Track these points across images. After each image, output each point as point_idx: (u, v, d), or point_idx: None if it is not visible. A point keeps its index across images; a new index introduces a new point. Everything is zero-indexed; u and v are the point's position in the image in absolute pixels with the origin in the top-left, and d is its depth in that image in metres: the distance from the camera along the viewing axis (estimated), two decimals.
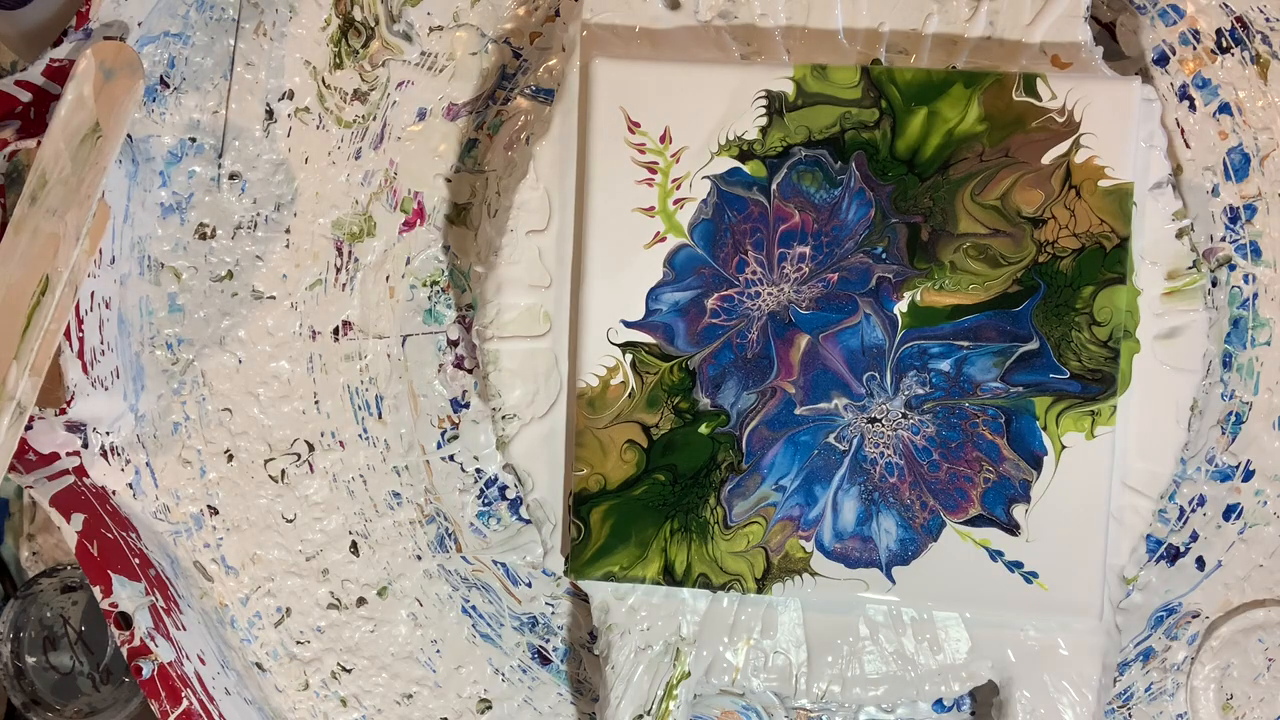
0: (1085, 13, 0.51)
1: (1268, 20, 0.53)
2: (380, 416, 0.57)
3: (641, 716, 0.53)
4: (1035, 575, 0.50)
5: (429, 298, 0.57)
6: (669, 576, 0.52)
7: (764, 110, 0.50)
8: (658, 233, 0.51)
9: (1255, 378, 0.54)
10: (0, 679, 0.63)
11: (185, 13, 0.55)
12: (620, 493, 0.52)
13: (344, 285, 0.57)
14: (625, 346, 0.51)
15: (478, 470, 0.57)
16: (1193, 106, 0.54)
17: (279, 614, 0.57)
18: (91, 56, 0.51)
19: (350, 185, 0.57)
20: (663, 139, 0.51)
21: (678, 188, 0.51)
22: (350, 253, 0.57)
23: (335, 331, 0.57)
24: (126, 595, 0.54)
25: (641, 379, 0.51)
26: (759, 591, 0.51)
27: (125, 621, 0.53)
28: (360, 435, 0.57)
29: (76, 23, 0.53)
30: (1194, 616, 0.55)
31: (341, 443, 0.57)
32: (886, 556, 0.51)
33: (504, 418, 0.53)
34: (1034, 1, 0.51)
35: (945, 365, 0.50)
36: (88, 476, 0.56)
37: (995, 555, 0.51)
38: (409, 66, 0.56)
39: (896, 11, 0.52)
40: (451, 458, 0.57)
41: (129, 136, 0.55)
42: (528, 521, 0.57)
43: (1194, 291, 0.52)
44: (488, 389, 0.54)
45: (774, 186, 0.50)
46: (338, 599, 0.57)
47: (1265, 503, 0.55)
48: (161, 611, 0.54)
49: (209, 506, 0.57)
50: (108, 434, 0.56)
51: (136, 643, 0.53)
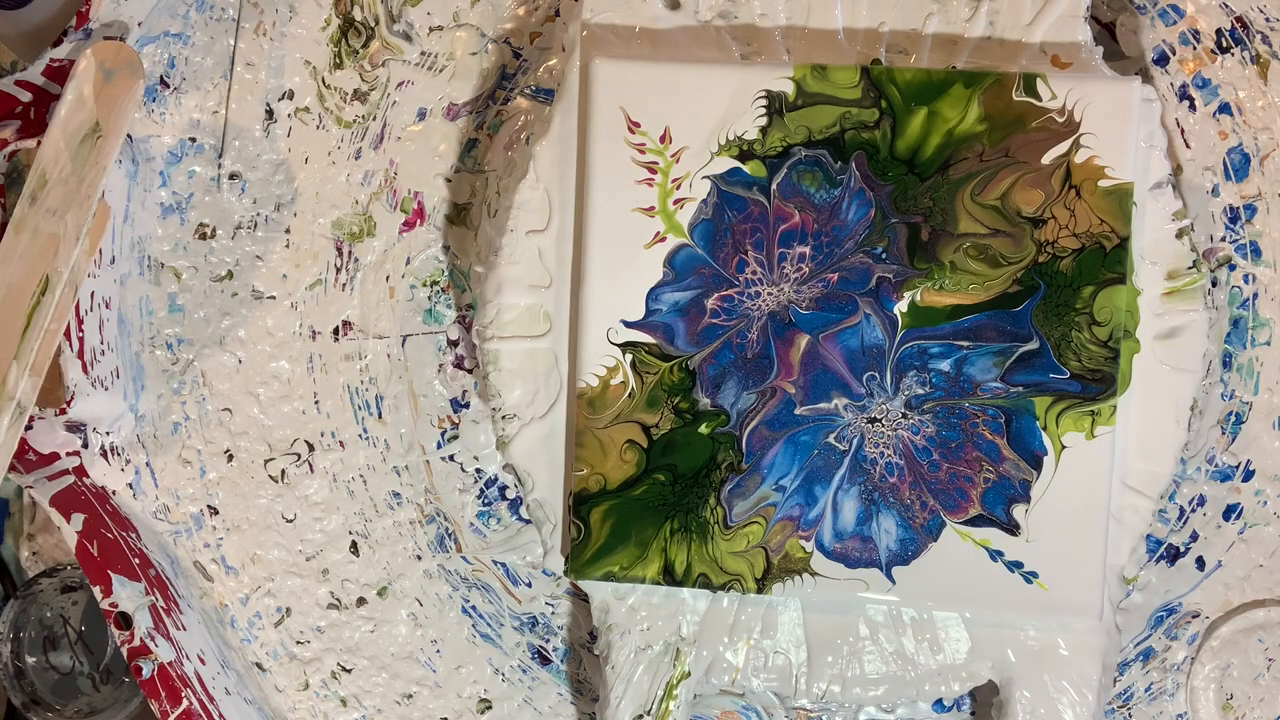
0: (1085, 13, 0.51)
1: (1268, 20, 0.53)
2: (380, 416, 0.57)
3: (641, 716, 0.53)
4: (1035, 575, 0.50)
5: (429, 298, 0.57)
6: (669, 576, 0.52)
7: (764, 110, 0.50)
8: (658, 233, 0.51)
9: (1255, 378, 0.54)
10: (0, 679, 0.63)
11: (185, 13, 0.55)
12: (620, 493, 0.52)
13: (344, 285, 0.57)
14: (625, 346, 0.51)
15: (478, 470, 0.57)
16: (1193, 106, 0.54)
17: (279, 614, 0.57)
18: (91, 56, 0.51)
19: (350, 185, 0.57)
20: (663, 139, 0.51)
21: (678, 188, 0.51)
22: (350, 253, 0.57)
23: (335, 331, 0.57)
24: (126, 595, 0.54)
25: (641, 379, 0.51)
26: (759, 591, 0.51)
27: (125, 621, 0.53)
28: (360, 435, 0.57)
29: (76, 23, 0.53)
30: (1194, 616, 0.55)
31: (341, 443, 0.57)
32: (886, 556, 0.51)
33: (504, 418, 0.53)
34: (1034, 1, 0.51)
35: (945, 365, 0.50)
36: (88, 476, 0.56)
37: (995, 555, 0.51)
38: (409, 66, 0.56)
39: (896, 11, 0.52)
40: (451, 458, 0.57)
41: (129, 136, 0.55)
42: (528, 521, 0.57)
43: (1194, 291, 0.52)
44: (488, 389, 0.54)
45: (774, 186, 0.50)
46: (338, 599, 0.57)
47: (1265, 503, 0.54)
48: (161, 611, 0.54)
49: (209, 506, 0.57)
50: (108, 434, 0.56)
51: (136, 643, 0.53)
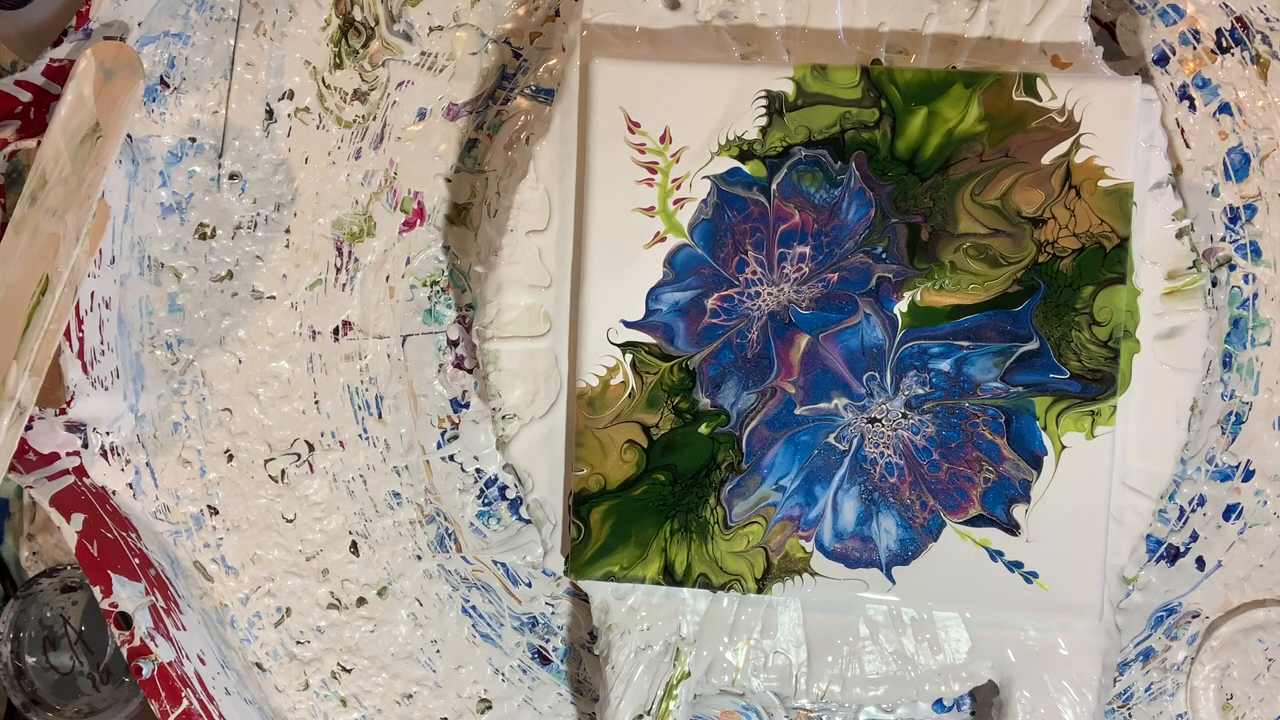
0: (1085, 13, 0.51)
1: (1268, 20, 0.53)
2: (380, 416, 0.57)
3: (641, 716, 0.53)
4: (1035, 575, 0.50)
5: (429, 298, 0.57)
6: (669, 576, 0.52)
7: (764, 110, 0.50)
8: (658, 233, 0.51)
9: (1255, 378, 0.54)
10: (0, 679, 0.63)
11: (185, 13, 0.55)
12: (620, 493, 0.52)
13: (344, 285, 0.57)
14: (625, 346, 0.51)
15: (478, 470, 0.57)
16: (1193, 106, 0.54)
17: (279, 614, 0.57)
18: (91, 56, 0.51)
19: (350, 185, 0.57)
20: (663, 139, 0.51)
21: (678, 188, 0.51)
22: (350, 253, 0.57)
23: (335, 331, 0.57)
24: (126, 595, 0.54)
25: (641, 379, 0.51)
26: (759, 591, 0.51)
27: (125, 621, 0.53)
28: (360, 435, 0.57)
29: (76, 23, 0.53)
30: (1194, 616, 0.55)
31: (341, 443, 0.57)
32: (886, 556, 0.51)
33: (504, 418, 0.53)
34: (1034, 1, 0.51)
35: (945, 365, 0.50)
36: (88, 476, 0.56)
37: (995, 555, 0.51)
38: (409, 66, 0.56)
39: (896, 11, 0.52)
40: (451, 458, 0.57)
41: (129, 136, 0.55)
42: (528, 521, 0.57)
43: (1194, 291, 0.52)
44: (488, 389, 0.54)
45: (774, 186, 0.50)
46: (338, 599, 0.57)
47: (1265, 503, 0.54)
48: (161, 611, 0.54)
49: (209, 506, 0.57)
50: (108, 434, 0.56)
51: (136, 643, 0.53)
